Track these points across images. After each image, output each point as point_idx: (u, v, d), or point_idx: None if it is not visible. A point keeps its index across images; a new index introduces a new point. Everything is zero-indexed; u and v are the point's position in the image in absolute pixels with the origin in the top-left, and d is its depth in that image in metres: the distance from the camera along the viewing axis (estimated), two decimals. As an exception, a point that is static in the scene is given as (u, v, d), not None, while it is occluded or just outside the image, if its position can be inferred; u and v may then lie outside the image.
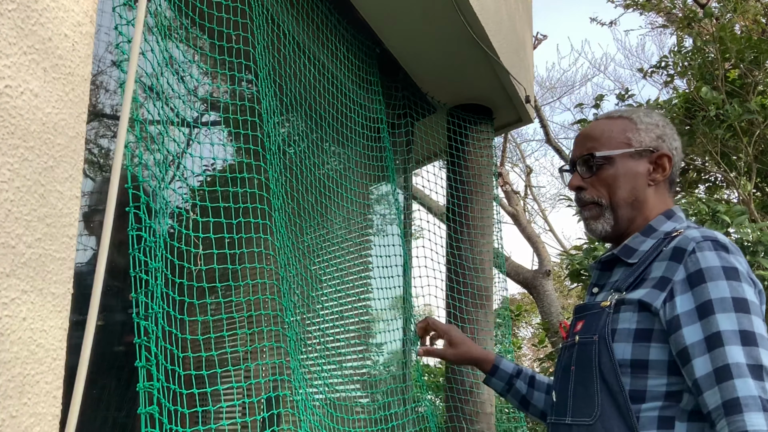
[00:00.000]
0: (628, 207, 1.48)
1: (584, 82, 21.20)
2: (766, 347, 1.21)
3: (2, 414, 0.95)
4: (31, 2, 1.07)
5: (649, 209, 1.48)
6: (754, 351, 1.21)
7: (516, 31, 3.33)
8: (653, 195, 1.48)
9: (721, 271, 1.28)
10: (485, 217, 3.28)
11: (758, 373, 1.19)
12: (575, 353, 1.43)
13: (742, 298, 1.25)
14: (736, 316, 1.24)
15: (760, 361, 1.20)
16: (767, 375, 1.19)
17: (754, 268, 4.33)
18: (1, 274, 0.97)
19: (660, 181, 1.49)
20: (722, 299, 1.26)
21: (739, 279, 1.27)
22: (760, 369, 1.19)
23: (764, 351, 1.21)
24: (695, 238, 1.34)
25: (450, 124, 3.34)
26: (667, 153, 1.49)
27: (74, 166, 1.12)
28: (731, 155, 5.70)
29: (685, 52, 6.13)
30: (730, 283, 1.26)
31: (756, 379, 1.19)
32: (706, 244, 1.31)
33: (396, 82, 3.08)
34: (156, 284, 1.29)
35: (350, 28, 2.67)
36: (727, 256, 1.30)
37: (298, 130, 2.34)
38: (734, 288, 1.26)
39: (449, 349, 1.78)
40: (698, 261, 1.30)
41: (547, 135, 9.60)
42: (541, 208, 13.82)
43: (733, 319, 1.24)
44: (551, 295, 8.29)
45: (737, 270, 1.28)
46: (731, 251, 1.31)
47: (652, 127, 1.52)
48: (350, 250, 2.76)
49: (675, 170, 1.51)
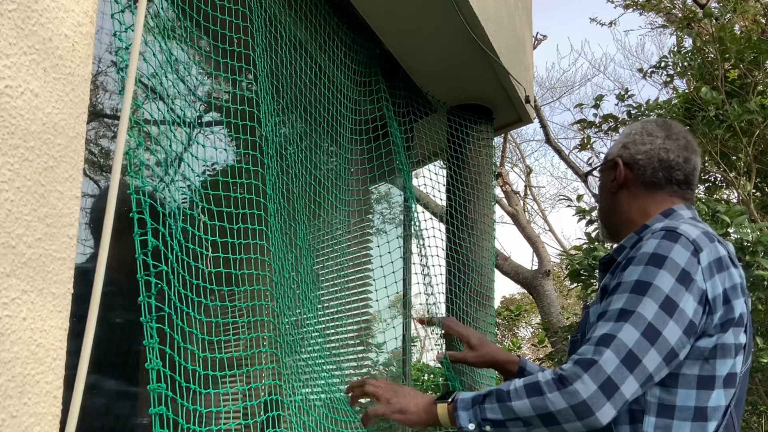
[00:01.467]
0: (608, 214, 1.61)
1: (584, 83, 21.24)
2: (635, 325, 1.24)
3: (2, 414, 0.95)
4: (31, 2, 1.07)
5: (627, 212, 1.55)
6: (616, 326, 1.26)
7: (516, 32, 3.33)
8: (626, 199, 1.55)
9: (647, 257, 1.31)
10: (485, 217, 3.28)
11: (606, 342, 1.24)
12: (567, 352, 1.49)
13: (646, 282, 1.27)
14: (628, 296, 1.28)
15: (615, 333, 1.25)
16: (614, 345, 1.23)
17: (754, 268, 4.33)
18: (1, 274, 0.97)
19: (619, 185, 1.56)
20: (628, 283, 1.30)
21: (660, 266, 1.28)
22: (611, 338, 1.24)
23: (628, 326, 1.24)
24: (655, 228, 1.36)
25: (450, 124, 3.34)
26: (616, 159, 1.57)
27: (74, 166, 1.13)
28: (731, 155, 5.70)
29: (684, 52, 6.13)
30: (646, 268, 1.29)
31: (597, 345, 1.25)
32: (658, 233, 1.34)
33: (396, 82, 3.08)
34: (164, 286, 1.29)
35: (349, 30, 2.68)
36: (668, 245, 1.30)
37: (297, 130, 2.34)
38: (648, 273, 1.28)
39: (470, 352, 1.82)
40: (640, 248, 1.34)
41: (546, 135, 9.60)
42: (541, 208, 13.82)
43: (623, 299, 1.28)
44: (551, 295, 8.29)
45: (665, 258, 1.29)
46: (681, 242, 1.30)
47: (623, 137, 1.60)
48: (350, 250, 2.76)
49: (643, 171, 1.53)
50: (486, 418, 1.29)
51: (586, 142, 6.58)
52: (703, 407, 1.27)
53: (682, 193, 1.53)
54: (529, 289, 8.61)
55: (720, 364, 1.29)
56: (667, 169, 1.51)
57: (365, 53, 2.79)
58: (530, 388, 1.26)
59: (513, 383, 1.30)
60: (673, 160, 1.51)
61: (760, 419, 6.45)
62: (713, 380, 1.28)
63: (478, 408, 1.31)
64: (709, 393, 1.27)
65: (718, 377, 1.28)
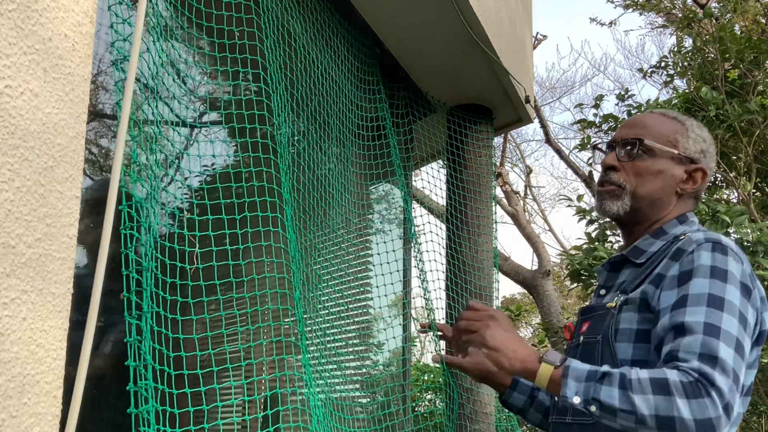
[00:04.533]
0: (650, 203, 1.48)
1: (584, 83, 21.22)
2: (726, 342, 1.20)
3: (2, 414, 0.95)
4: (31, 2, 1.07)
5: (667, 213, 1.49)
6: (712, 341, 1.20)
7: (516, 32, 3.33)
8: (676, 202, 1.49)
9: (709, 270, 1.28)
10: (485, 217, 3.28)
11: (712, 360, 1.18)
12: (579, 353, 1.43)
13: (719, 297, 1.25)
14: (706, 310, 1.23)
15: (715, 352, 1.19)
16: (720, 365, 1.17)
17: (753, 268, 4.33)
18: (1, 274, 0.97)
19: (687, 191, 1.49)
20: (699, 295, 1.26)
21: (725, 280, 1.26)
22: (713, 356, 1.18)
23: (723, 344, 1.20)
24: (698, 239, 1.34)
25: (450, 124, 3.34)
26: (704, 168, 1.50)
27: (74, 166, 1.13)
28: (731, 155, 5.70)
29: (684, 52, 6.13)
30: (713, 282, 1.26)
31: (704, 358, 1.18)
32: (706, 245, 1.32)
33: (396, 82, 3.08)
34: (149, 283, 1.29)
35: (351, 29, 2.68)
36: (722, 258, 1.29)
37: (301, 129, 2.34)
38: (716, 286, 1.26)
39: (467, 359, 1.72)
40: (693, 260, 1.31)
41: (546, 135, 9.60)
42: (541, 208, 13.82)
43: (702, 312, 1.23)
44: (551, 295, 8.29)
45: (727, 272, 1.27)
46: (730, 254, 1.30)
47: (699, 140, 1.52)
48: (350, 250, 2.76)
49: (703, 187, 1.51)
50: (598, 398, 1.19)
51: (586, 142, 6.58)
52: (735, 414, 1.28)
53: (695, 208, 1.53)
54: (529, 289, 8.61)
55: (749, 374, 1.31)
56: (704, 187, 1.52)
57: (365, 53, 2.79)
58: (657, 385, 1.16)
59: (634, 371, 1.20)
60: (710, 176, 1.51)
61: (760, 419, 6.45)
62: (741, 390, 1.28)
63: (592, 385, 1.20)
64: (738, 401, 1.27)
65: (744, 386, 1.30)
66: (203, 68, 1.94)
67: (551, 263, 9.13)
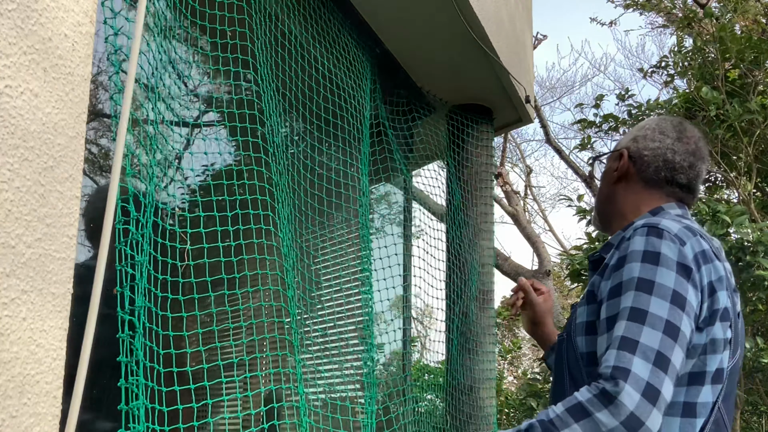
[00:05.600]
0: (603, 203, 1.60)
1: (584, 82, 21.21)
2: (653, 326, 1.22)
3: (2, 414, 0.95)
4: (31, 2, 1.07)
5: (621, 204, 1.55)
6: (637, 327, 1.23)
7: (516, 32, 3.33)
8: (623, 191, 1.55)
9: (641, 254, 1.30)
10: (485, 217, 3.28)
11: (630, 347, 1.21)
12: (557, 350, 1.49)
13: (648, 280, 1.27)
14: (634, 294, 1.26)
15: (637, 336, 1.22)
16: (640, 350, 1.20)
17: (754, 268, 4.32)
18: (1, 274, 0.97)
19: (617, 175, 1.56)
20: (630, 279, 1.29)
21: (656, 263, 1.28)
22: (634, 343, 1.22)
23: (648, 328, 1.22)
24: (637, 226, 1.36)
25: (450, 124, 3.34)
26: (623, 150, 1.56)
27: (74, 166, 1.12)
28: (731, 155, 5.70)
29: (685, 52, 6.13)
30: (643, 265, 1.28)
31: (619, 349, 1.22)
32: (641, 230, 1.34)
33: (396, 82, 3.08)
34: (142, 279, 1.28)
35: (351, 28, 2.68)
36: (655, 241, 1.30)
37: (297, 129, 2.34)
38: (646, 270, 1.28)
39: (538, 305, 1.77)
40: (628, 246, 1.33)
41: (547, 135, 9.60)
42: (541, 208, 13.83)
43: (631, 297, 1.26)
44: (551, 295, 8.27)
45: (659, 254, 1.29)
46: (666, 237, 1.31)
47: (635, 130, 1.59)
48: (350, 250, 2.76)
49: (645, 168, 1.53)
50: None
51: (587, 142, 6.58)
52: (692, 403, 1.27)
53: (681, 196, 1.52)
54: (530, 289, 8.60)
55: (710, 359, 1.29)
56: (671, 170, 1.51)
57: (366, 52, 2.79)
58: (574, 411, 1.20)
59: (550, 411, 1.23)
60: (677, 163, 1.51)
61: (760, 419, 6.45)
62: (703, 376, 1.28)
63: None
64: (698, 389, 1.27)
65: (707, 373, 1.29)
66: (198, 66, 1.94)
67: (551, 263, 9.13)
